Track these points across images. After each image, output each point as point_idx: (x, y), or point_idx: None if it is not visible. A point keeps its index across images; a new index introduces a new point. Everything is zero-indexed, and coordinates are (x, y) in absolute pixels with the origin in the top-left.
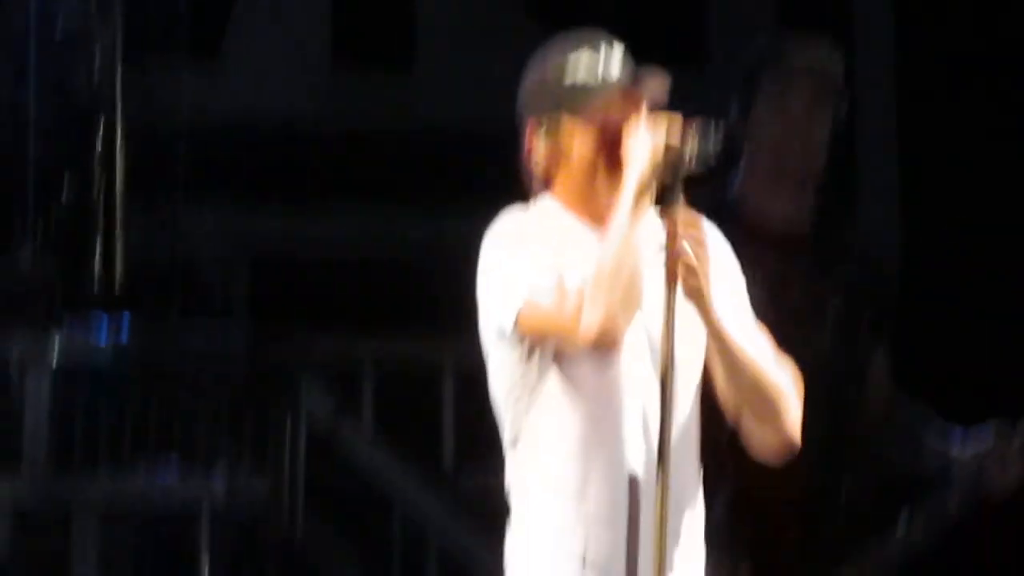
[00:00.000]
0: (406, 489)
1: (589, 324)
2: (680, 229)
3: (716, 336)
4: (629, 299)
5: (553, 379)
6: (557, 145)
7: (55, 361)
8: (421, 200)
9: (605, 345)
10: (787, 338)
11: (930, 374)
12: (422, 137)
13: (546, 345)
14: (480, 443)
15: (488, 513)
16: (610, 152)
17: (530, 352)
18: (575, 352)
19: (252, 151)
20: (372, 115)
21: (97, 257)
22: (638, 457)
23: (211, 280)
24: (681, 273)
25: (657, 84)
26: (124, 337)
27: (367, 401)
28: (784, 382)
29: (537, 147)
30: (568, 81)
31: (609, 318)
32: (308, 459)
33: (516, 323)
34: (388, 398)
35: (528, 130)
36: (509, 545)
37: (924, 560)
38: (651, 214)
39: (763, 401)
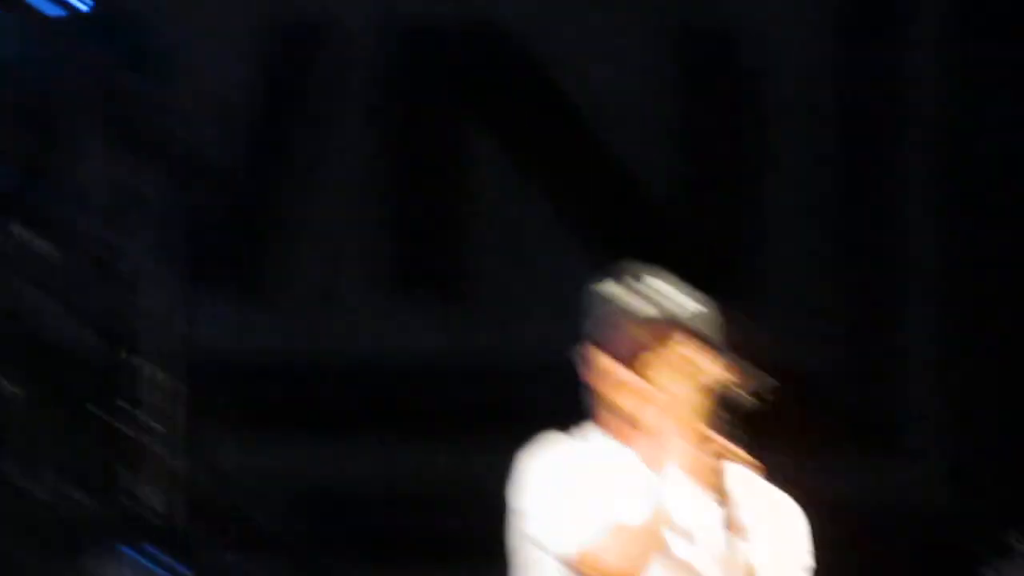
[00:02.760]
0: None
1: None
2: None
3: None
4: (651, 557)
5: None
6: (600, 375)
7: None
8: (471, 433)
9: None
10: None
11: None
12: (474, 369)
13: None
14: None
15: None
16: (649, 386)
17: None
18: None
19: (300, 386)
20: (423, 347)
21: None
22: None
23: (259, 519)
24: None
25: (704, 320)
26: None
27: None
28: None
29: (592, 376)
30: (602, 314)
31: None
32: None
33: (579, 561)
34: None
35: (585, 359)
36: None
37: None
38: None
39: None
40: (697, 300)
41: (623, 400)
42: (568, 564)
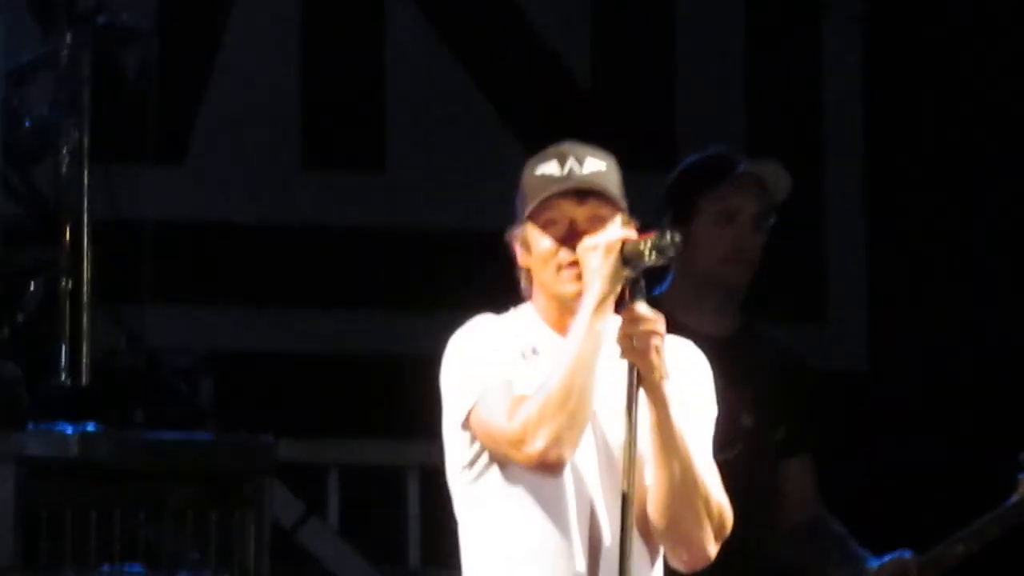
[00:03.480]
0: None
1: (533, 448)
2: (640, 326)
3: (665, 429)
4: (577, 422)
5: (497, 478)
6: (528, 253)
7: (21, 463)
8: (389, 302)
9: (549, 470)
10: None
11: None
12: (392, 239)
13: (491, 450)
14: (445, 543)
15: None
16: (570, 258)
17: (478, 450)
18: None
19: (219, 253)
20: (342, 217)
21: (63, 364)
22: (590, 555)
23: (177, 384)
24: (642, 367)
25: (607, 179)
26: (90, 442)
27: (332, 503)
28: (715, 501)
29: (518, 256)
30: (527, 188)
31: (555, 443)
32: (273, 562)
33: (466, 421)
34: (353, 500)
35: (513, 239)
36: None
37: None
38: (612, 319)
39: (690, 510)
40: (602, 161)
41: (546, 275)
42: (465, 428)
